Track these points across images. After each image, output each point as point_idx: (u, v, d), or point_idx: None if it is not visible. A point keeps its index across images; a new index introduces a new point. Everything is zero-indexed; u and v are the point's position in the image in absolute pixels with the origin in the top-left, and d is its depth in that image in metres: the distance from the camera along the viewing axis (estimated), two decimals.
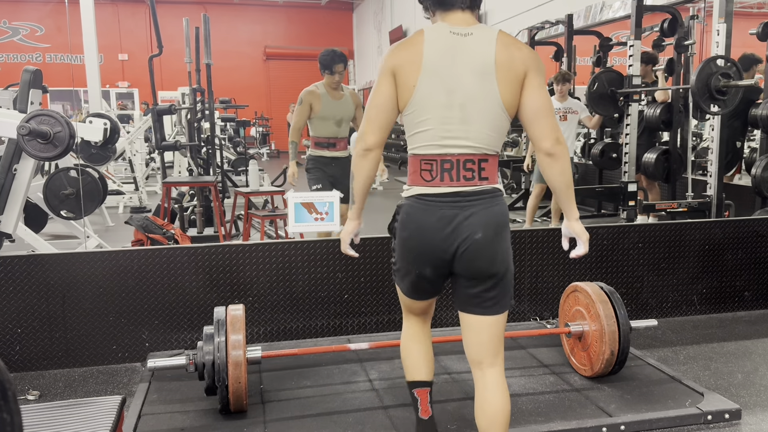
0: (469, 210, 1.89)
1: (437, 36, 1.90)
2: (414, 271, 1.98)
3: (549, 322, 3.60)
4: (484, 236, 1.89)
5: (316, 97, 4.40)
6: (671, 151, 5.81)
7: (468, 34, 1.90)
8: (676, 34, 5.79)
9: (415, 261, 1.96)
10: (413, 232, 1.93)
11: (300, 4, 21.38)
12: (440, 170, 1.90)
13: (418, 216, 1.92)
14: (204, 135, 7.27)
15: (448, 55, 1.88)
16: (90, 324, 3.15)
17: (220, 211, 5.80)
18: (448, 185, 1.90)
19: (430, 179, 1.92)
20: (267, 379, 2.94)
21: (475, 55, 1.88)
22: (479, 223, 1.89)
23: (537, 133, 1.92)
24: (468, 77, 1.88)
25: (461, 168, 1.90)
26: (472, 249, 1.89)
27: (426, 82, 1.88)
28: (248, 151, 12.44)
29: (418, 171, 1.94)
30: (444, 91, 1.88)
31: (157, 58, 6.03)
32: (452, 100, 1.88)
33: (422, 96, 1.89)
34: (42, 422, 1.88)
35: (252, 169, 5.87)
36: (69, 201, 4.86)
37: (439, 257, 1.92)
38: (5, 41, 18.47)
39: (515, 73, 1.88)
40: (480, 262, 1.91)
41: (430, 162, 1.91)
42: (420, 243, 1.93)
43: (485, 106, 1.88)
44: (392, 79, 1.92)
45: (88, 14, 7.26)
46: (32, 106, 4.31)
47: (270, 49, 21.23)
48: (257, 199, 7.04)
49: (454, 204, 1.90)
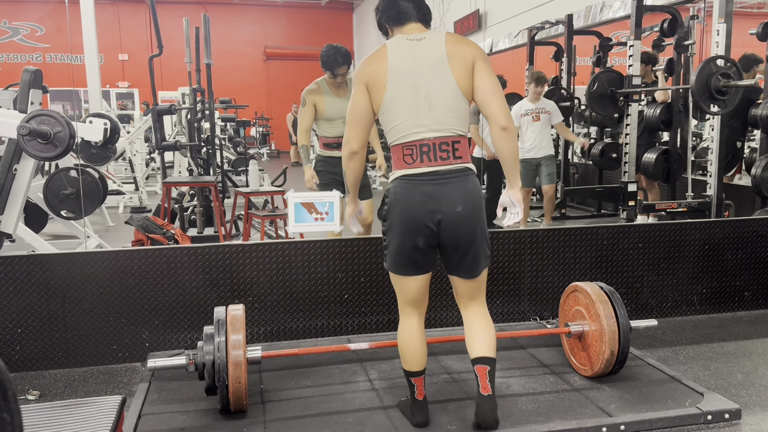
0: (446, 186, 2.25)
1: (397, 44, 2.31)
2: (408, 244, 2.28)
3: (549, 322, 3.60)
4: (464, 209, 2.25)
5: (319, 97, 4.15)
6: (671, 151, 5.81)
7: (422, 39, 2.30)
8: (676, 34, 5.79)
9: (408, 233, 2.27)
10: (402, 209, 2.26)
11: (300, 4, 21.38)
12: (420, 153, 2.26)
13: (404, 194, 2.26)
14: (204, 135, 7.27)
15: (408, 57, 2.27)
16: (90, 324, 3.15)
17: (220, 211, 5.80)
18: (427, 165, 2.26)
19: (412, 162, 2.27)
20: (267, 379, 2.94)
21: (429, 52, 2.27)
22: (457, 198, 2.25)
23: (493, 110, 2.28)
24: (427, 71, 2.26)
25: (437, 150, 2.26)
26: (453, 220, 2.24)
27: (394, 83, 2.26)
28: (248, 151, 12.43)
29: (401, 157, 2.29)
30: (410, 87, 2.26)
31: (158, 58, 6.03)
32: (418, 93, 2.25)
33: (393, 95, 2.27)
34: (42, 422, 1.88)
35: (252, 169, 5.87)
36: (69, 201, 4.86)
37: (427, 227, 2.25)
38: (5, 41, 18.47)
39: (465, 62, 2.26)
40: (462, 232, 2.27)
41: (411, 147, 2.27)
42: (409, 217, 2.25)
43: (445, 92, 2.26)
44: (365, 89, 2.31)
45: (88, 14, 7.27)
46: (32, 106, 4.32)
47: (270, 49, 21.22)
48: (257, 199, 7.05)
49: (433, 181, 2.25)
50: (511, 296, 3.63)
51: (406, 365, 2.44)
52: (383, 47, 2.32)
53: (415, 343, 2.42)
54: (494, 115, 2.28)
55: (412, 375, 2.43)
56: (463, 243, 2.29)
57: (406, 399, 2.56)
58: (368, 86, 2.31)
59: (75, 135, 3.90)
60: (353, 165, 2.39)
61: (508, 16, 10.69)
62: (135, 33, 18.79)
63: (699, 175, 6.34)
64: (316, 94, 4.17)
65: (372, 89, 2.30)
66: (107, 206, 7.11)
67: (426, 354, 2.45)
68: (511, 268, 3.61)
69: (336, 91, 4.18)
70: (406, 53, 2.28)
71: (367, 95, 2.31)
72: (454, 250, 2.32)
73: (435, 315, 3.54)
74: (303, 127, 4.23)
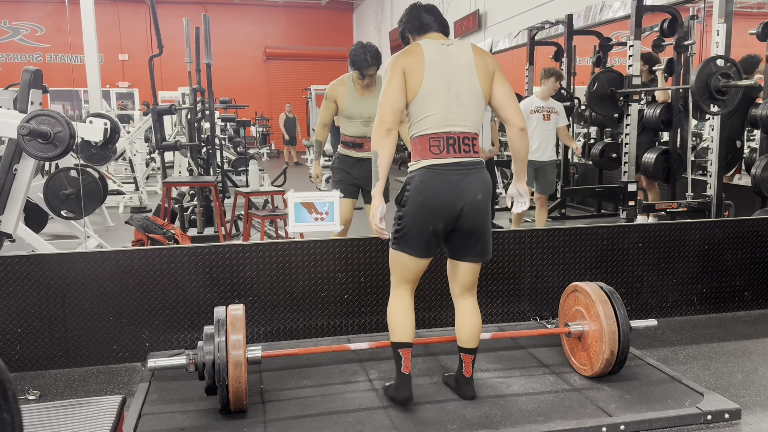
0: (469, 176, 2.47)
1: (430, 46, 2.52)
2: (428, 228, 2.46)
3: (549, 321, 3.60)
4: (483, 197, 2.49)
5: (341, 93, 4.04)
6: (671, 151, 5.81)
7: (450, 44, 2.55)
8: (676, 35, 5.79)
9: (431, 218, 2.45)
10: (429, 196, 2.44)
11: (300, 4, 21.38)
12: (446, 145, 2.46)
13: (431, 182, 2.44)
14: (204, 135, 7.27)
15: (441, 57, 2.49)
16: (90, 324, 3.15)
17: (221, 211, 5.80)
18: (453, 156, 2.46)
19: (438, 153, 2.46)
20: (267, 379, 2.94)
21: (459, 57, 2.52)
22: (477, 187, 2.48)
23: (511, 114, 2.57)
24: (459, 73, 2.50)
25: (461, 143, 2.48)
26: (474, 207, 2.47)
27: (430, 77, 2.46)
28: (248, 151, 12.44)
29: (427, 147, 2.47)
30: (444, 84, 2.47)
31: (158, 58, 6.03)
32: (450, 91, 2.48)
33: (429, 88, 2.46)
34: (42, 422, 1.88)
35: (252, 169, 5.87)
36: (69, 201, 4.86)
37: (450, 213, 2.45)
38: (5, 41, 18.47)
39: (487, 71, 2.54)
40: (479, 218, 2.50)
41: (438, 139, 2.46)
42: (436, 202, 2.44)
43: (472, 94, 2.51)
44: (402, 75, 2.47)
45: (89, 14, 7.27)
46: (32, 106, 4.31)
47: (270, 49, 21.23)
48: (257, 199, 7.05)
49: (458, 171, 2.46)
50: (511, 296, 3.63)
51: (396, 337, 2.59)
52: (417, 45, 2.53)
53: (405, 315, 2.60)
54: (513, 118, 2.57)
55: (401, 347, 2.58)
56: (479, 227, 2.52)
57: (391, 384, 2.71)
58: (405, 74, 2.47)
59: (75, 135, 3.90)
60: (387, 143, 2.47)
61: (508, 16, 10.69)
62: (135, 33, 18.80)
63: (699, 175, 6.34)
64: (340, 90, 4.06)
65: (409, 78, 2.47)
66: (107, 206, 7.11)
67: (414, 327, 2.63)
68: (511, 268, 3.61)
69: (361, 90, 4.07)
70: (438, 53, 2.50)
71: (403, 81, 2.47)
72: (470, 234, 2.53)
73: (435, 315, 3.54)
74: (321, 121, 4.19)
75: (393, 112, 2.46)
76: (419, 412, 2.58)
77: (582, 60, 9.73)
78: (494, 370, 3.02)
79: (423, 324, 3.54)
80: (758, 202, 5.02)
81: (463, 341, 2.67)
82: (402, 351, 2.58)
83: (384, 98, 2.48)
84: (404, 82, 2.46)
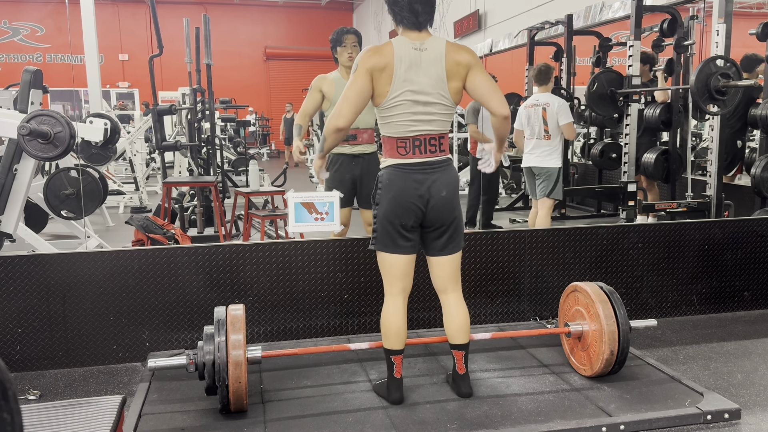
0: (434, 175, 2.56)
1: (403, 51, 2.51)
2: (398, 222, 2.56)
3: (549, 321, 3.60)
4: (447, 194, 2.58)
5: (328, 82, 3.91)
6: (671, 151, 5.81)
7: (425, 49, 2.53)
8: (676, 35, 5.79)
9: (401, 214, 2.55)
10: (397, 193, 2.55)
11: (300, 5, 21.38)
12: (412, 146, 2.56)
13: (398, 181, 2.55)
14: (204, 135, 7.27)
15: (413, 66, 2.51)
16: (90, 324, 3.15)
17: (221, 211, 5.80)
18: (419, 157, 2.56)
19: (405, 153, 2.56)
20: (267, 379, 2.94)
21: (431, 64, 2.52)
22: (442, 184, 2.57)
23: (495, 103, 2.58)
24: (426, 80, 2.52)
25: (427, 144, 2.57)
26: (439, 203, 2.57)
27: (398, 87, 2.50)
28: (248, 151, 12.44)
29: (394, 148, 2.58)
30: (412, 94, 2.52)
31: (158, 59, 6.03)
32: (417, 99, 2.52)
33: (396, 97, 2.51)
34: (42, 422, 1.88)
35: (252, 169, 5.87)
36: (69, 201, 4.86)
37: (418, 208, 2.55)
38: (6, 41, 18.47)
39: (460, 69, 2.55)
40: (445, 211, 2.59)
41: (404, 141, 2.56)
42: (403, 200, 2.54)
43: (440, 97, 2.55)
44: (369, 76, 2.50)
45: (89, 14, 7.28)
46: (33, 106, 4.32)
47: (270, 49, 21.22)
48: (257, 199, 7.05)
49: (423, 171, 2.56)
50: (511, 296, 3.64)
51: (389, 344, 2.64)
52: (389, 45, 2.52)
53: (398, 323, 2.64)
54: (498, 107, 2.58)
55: (393, 353, 2.64)
56: (446, 221, 2.61)
57: (381, 381, 2.78)
58: (372, 75, 2.49)
59: (75, 135, 3.90)
60: (336, 138, 2.60)
61: (508, 16, 10.69)
62: (135, 33, 18.79)
63: (699, 175, 6.34)
64: (325, 81, 3.94)
65: (377, 82, 2.50)
66: (107, 206, 7.11)
67: (406, 333, 2.67)
68: (511, 268, 3.61)
69: (347, 75, 3.86)
70: (410, 61, 2.50)
71: (369, 81, 2.50)
72: (438, 228, 2.62)
73: (435, 315, 3.54)
74: (303, 110, 4.01)
75: (350, 109, 2.50)
76: (419, 412, 2.59)
77: (582, 60, 9.74)
78: (494, 370, 3.02)
79: (423, 324, 3.54)
80: (758, 202, 5.02)
81: (451, 337, 2.71)
82: (394, 358, 2.64)
83: (346, 91, 2.51)
84: (371, 85, 2.50)
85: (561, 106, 5.11)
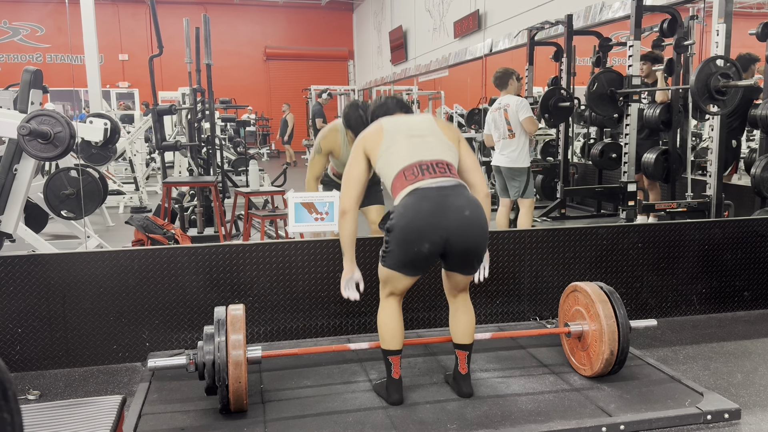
0: (450, 198, 2.46)
1: (391, 118, 2.75)
2: (413, 250, 2.47)
3: (549, 321, 3.60)
4: (471, 213, 2.47)
5: (336, 144, 3.89)
6: (671, 151, 5.81)
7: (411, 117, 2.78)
8: (676, 35, 5.79)
9: (417, 240, 2.44)
10: (412, 219, 2.44)
11: (300, 4, 21.38)
12: (420, 170, 2.52)
13: (412, 205, 2.46)
14: (204, 135, 7.28)
15: (401, 122, 2.70)
16: (90, 324, 3.15)
17: (221, 211, 5.80)
18: (430, 177, 2.51)
19: (414, 178, 2.51)
20: (267, 378, 2.94)
21: (419, 120, 2.74)
22: (463, 204, 2.47)
23: (477, 180, 2.71)
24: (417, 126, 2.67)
25: (435, 167, 2.53)
26: (465, 224, 2.45)
27: (389, 136, 2.63)
28: (248, 151, 12.44)
29: (402, 179, 2.53)
30: (403, 133, 2.63)
31: (158, 59, 6.03)
32: (413, 133, 2.63)
33: (389, 142, 2.61)
34: (42, 422, 1.88)
35: (252, 169, 5.87)
36: (69, 201, 4.86)
37: (437, 234, 2.43)
38: (6, 41, 18.47)
39: (450, 136, 2.69)
40: (471, 234, 2.48)
41: (411, 168, 2.53)
42: (420, 225, 2.43)
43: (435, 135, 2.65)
44: (363, 153, 2.67)
45: (89, 14, 7.29)
46: (33, 106, 4.32)
47: (270, 49, 21.23)
48: (257, 199, 7.05)
49: (438, 191, 2.47)
50: (511, 296, 3.64)
51: (386, 345, 2.65)
52: (378, 122, 2.74)
53: (394, 323, 2.65)
54: (479, 185, 2.70)
55: (391, 354, 2.65)
56: (472, 245, 2.52)
57: (381, 381, 2.78)
58: (366, 150, 2.66)
59: (75, 135, 3.90)
60: (345, 224, 2.65)
61: (508, 16, 10.69)
62: (135, 33, 18.80)
63: (698, 175, 6.34)
64: (334, 141, 3.90)
65: (370, 151, 2.65)
66: (107, 206, 7.11)
67: (403, 333, 2.68)
68: (511, 268, 3.61)
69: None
70: (399, 122, 2.72)
71: (364, 159, 2.67)
72: (465, 252, 2.52)
73: (435, 315, 3.54)
74: (313, 175, 3.97)
75: (350, 194, 2.64)
76: (419, 412, 2.59)
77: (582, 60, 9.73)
78: (494, 370, 3.02)
79: (423, 324, 3.54)
80: (758, 202, 5.02)
81: (456, 337, 2.73)
82: (391, 358, 2.65)
83: (343, 179, 2.69)
84: (366, 160, 2.66)
85: (519, 104, 5.37)
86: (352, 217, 2.66)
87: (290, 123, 16.44)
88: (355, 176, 2.66)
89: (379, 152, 2.62)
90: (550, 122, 7.14)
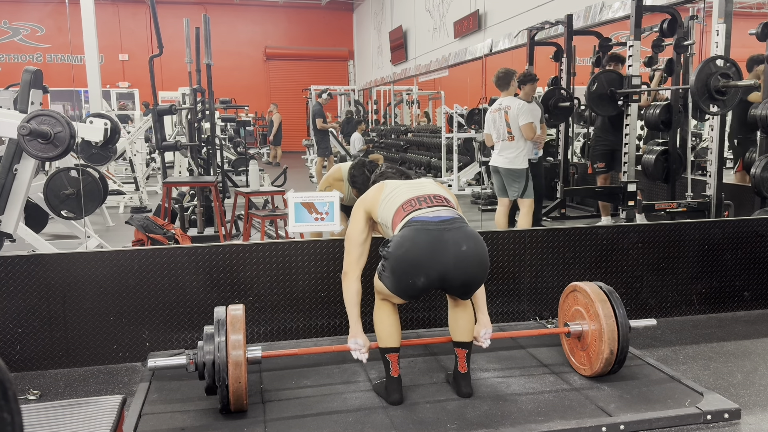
0: (449, 232, 2.46)
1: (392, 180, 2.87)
2: (408, 281, 2.47)
3: (549, 321, 3.60)
4: (468, 248, 2.46)
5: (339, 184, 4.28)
6: (671, 151, 5.82)
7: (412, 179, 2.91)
8: (676, 35, 5.79)
9: (412, 271, 2.45)
10: (409, 249, 2.44)
11: (300, 5, 21.39)
12: (417, 202, 2.60)
13: (410, 235, 2.47)
14: (204, 135, 7.28)
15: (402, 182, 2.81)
16: (90, 324, 3.15)
17: (221, 211, 5.80)
18: (428, 207, 2.57)
19: (411, 209, 2.57)
20: (267, 378, 2.94)
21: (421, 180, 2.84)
22: (461, 238, 2.46)
23: None
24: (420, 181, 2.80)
25: (432, 198, 2.62)
26: (463, 259, 2.44)
27: (390, 189, 2.73)
28: (248, 151, 12.44)
29: (401, 212, 2.58)
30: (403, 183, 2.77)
31: (158, 59, 6.03)
32: (412, 185, 2.73)
33: (390, 192, 2.71)
34: (42, 422, 1.88)
35: (252, 169, 5.87)
36: (69, 201, 4.86)
37: (433, 269, 2.43)
38: (6, 41, 18.48)
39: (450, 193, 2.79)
40: (470, 270, 2.48)
41: (410, 201, 2.60)
42: (416, 255, 2.43)
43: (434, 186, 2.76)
44: (365, 214, 2.75)
45: (89, 14, 7.27)
46: (33, 106, 4.32)
47: (270, 49, 21.24)
48: (257, 199, 7.05)
49: (437, 224, 2.48)
50: (511, 296, 3.64)
51: (383, 342, 2.67)
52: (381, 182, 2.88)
53: (390, 321, 2.68)
54: None
55: (389, 352, 2.66)
56: (470, 279, 2.52)
57: (381, 381, 2.78)
58: (367, 208, 2.75)
59: (75, 135, 3.90)
60: (347, 285, 2.69)
61: (508, 16, 10.69)
62: (135, 33, 18.82)
63: (698, 175, 6.34)
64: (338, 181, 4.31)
65: (371, 207, 2.74)
66: (107, 206, 7.11)
67: (400, 331, 2.71)
68: (511, 268, 3.61)
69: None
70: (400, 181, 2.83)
71: (364, 219, 2.75)
72: (462, 285, 2.53)
73: (435, 315, 3.54)
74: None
75: (351, 257, 2.70)
76: (419, 412, 2.59)
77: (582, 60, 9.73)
78: (494, 370, 3.02)
79: (423, 324, 3.54)
80: (758, 202, 5.02)
81: (456, 335, 2.75)
82: (389, 356, 2.67)
83: (348, 244, 2.74)
84: (367, 220, 2.75)
85: (521, 108, 5.40)
86: (354, 277, 2.69)
87: (276, 123, 16.47)
88: (355, 238, 2.71)
89: (380, 202, 2.70)
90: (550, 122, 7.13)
